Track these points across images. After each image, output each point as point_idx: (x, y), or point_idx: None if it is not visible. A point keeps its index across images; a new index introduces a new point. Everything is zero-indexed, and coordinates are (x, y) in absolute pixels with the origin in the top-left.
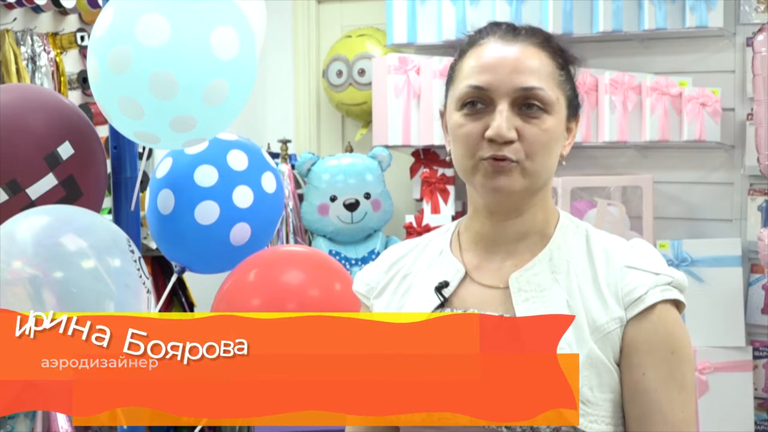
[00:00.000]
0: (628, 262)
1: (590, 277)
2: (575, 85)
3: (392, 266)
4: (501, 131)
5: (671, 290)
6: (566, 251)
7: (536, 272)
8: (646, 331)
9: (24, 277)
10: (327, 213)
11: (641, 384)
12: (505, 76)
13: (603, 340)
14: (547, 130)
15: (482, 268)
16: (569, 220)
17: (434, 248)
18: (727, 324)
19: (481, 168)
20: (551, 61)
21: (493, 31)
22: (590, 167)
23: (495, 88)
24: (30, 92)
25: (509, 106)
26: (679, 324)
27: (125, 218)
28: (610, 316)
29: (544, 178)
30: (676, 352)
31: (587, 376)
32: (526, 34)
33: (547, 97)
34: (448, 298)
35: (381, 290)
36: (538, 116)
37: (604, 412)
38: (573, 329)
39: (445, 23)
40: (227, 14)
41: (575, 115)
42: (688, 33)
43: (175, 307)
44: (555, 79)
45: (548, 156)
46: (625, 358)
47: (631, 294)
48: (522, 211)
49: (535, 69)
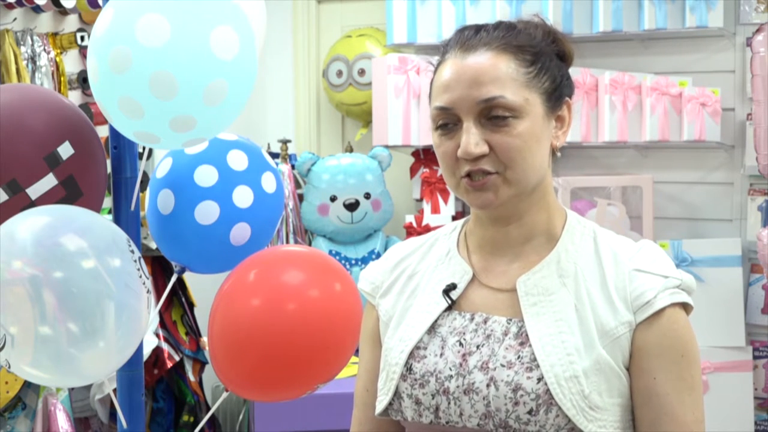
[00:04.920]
0: (636, 265)
1: (598, 280)
2: (558, 72)
3: (397, 265)
4: (468, 149)
5: (680, 293)
6: (574, 254)
7: (544, 275)
8: (656, 335)
9: (24, 277)
10: (327, 213)
11: (653, 388)
12: (465, 91)
13: (612, 345)
14: (519, 135)
15: (489, 270)
16: (577, 220)
17: (441, 248)
18: (727, 324)
19: (462, 186)
20: (515, 61)
21: (456, 40)
22: (590, 167)
23: (458, 105)
24: (30, 92)
25: (474, 120)
26: (687, 327)
27: (125, 218)
28: (619, 320)
29: (533, 180)
30: (685, 355)
31: (596, 382)
32: (488, 36)
33: (512, 102)
34: (456, 300)
35: (387, 289)
36: (506, 124)
37: (613, 417)
38: (581, 334)
39: (445, 23)
40: (227, 14)
41: (561, 104)
42: (688, 33)
43: (175, 307)
44: (520, 80)
45: (528, 159)
46: (635, 363)
47: (641, 298)
48: (521, 214)
49: (495, 77)
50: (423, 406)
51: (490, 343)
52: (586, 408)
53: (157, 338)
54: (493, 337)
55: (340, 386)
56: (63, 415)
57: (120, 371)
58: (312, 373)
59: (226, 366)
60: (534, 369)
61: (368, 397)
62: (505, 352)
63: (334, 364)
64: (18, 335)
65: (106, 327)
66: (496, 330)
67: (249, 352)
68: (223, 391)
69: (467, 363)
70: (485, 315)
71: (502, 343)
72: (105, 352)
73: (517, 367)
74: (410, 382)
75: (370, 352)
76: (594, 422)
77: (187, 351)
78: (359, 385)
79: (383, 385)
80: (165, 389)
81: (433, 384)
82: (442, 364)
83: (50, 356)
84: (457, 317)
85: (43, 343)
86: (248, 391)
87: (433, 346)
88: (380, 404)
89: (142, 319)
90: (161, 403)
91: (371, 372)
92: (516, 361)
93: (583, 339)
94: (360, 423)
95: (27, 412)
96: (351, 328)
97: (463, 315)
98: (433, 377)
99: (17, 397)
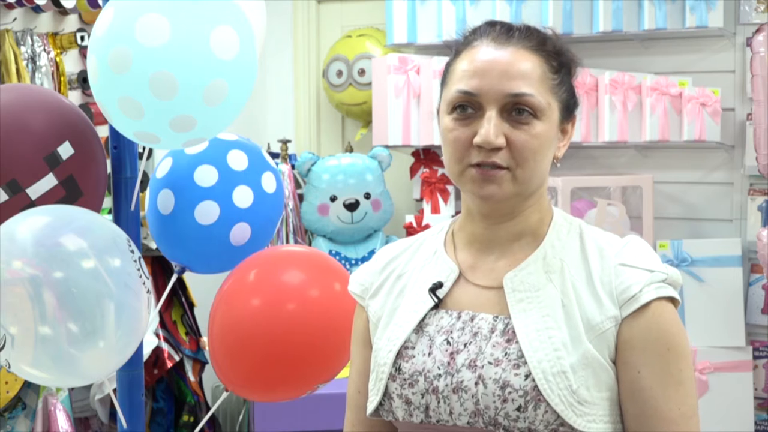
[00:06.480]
0: (622, 260)
1: (584, 275)
2: (572, 86)
3: (386, 266)
4: (488, 138)
5: (666, 287)
6: (560, 250)
7: (530, 272)
8: (641, 329)
9: (24, 277)
10: (327, 213)
11: (637, 382)
12: (495, 81)
13: (598, 339)
14: (537, 136)
15: (476, 268)
16: (563, 218)
17: (428, 248)
18: (727, 324)
19: (468, 174)
20: (544, 64)
21: (487, 32)
22: (590, 167)
23: (484, 93)
24: (30, 92)
25: (498, 112)
26: (674, 320)
27: (125, 218)
28: (605, 314)
29: (536, 184)
30: (671, 349)
31: (584, 377)
32: (520, 36)
33: (538, 102)
34: (443, 299)
35: (376, 290)
36: (527, 122)
37: (602, 411)
38: (568, 329)
39: (445, 23)
40: (227, 14)
41: (570, 117)
42: (688, 33)
43: (175, 307)
44: (547, 83)
45: (539, 162)
46: (620, 357)
47: (626, 292)
48: (515, 214)
49: (526, 74)
50: (413, 405)
51: (477, 340)
52: (575, 403)
53: (157, 338)
54: (480, 334)
55: (340, 386)
56: (63, 415)
57: (120, 371)
58: (312, 373)
59: (226, 366)
60: (521, 365)
61: (360, 399)
62: (492, 349)
63: (334, 364)
64: (18, 335)
65: (106, 327)
66: (482, 327)
67: (249, 352)
68: (223, 391)
69: (455, 361)
70: (472, 313)
71: (489, 341)
72: (105, 352)
73: (504, 364)
74: (399, 382)
75: (361, 353)
76: (583, 417)
77: (187, 351)
78: (351, 387)
79: (373, 386)
80: (165, 389)
81: (422, 383)
82: (430, 363)
83: (50, 356)
84: (444, 316)
85: (43, 343)
86: (248, 391)
87: (421, 346)
88: (371, 405)
89: (142, 319)
90: (161, 403)
91: (363, 374)
92: (503, 358)
93: (570, 334)
94: (353, 424)
95: (27, 412)
96: (351, 328)
97: (450, 313)
98: (421, 377)
99: (17, 397)
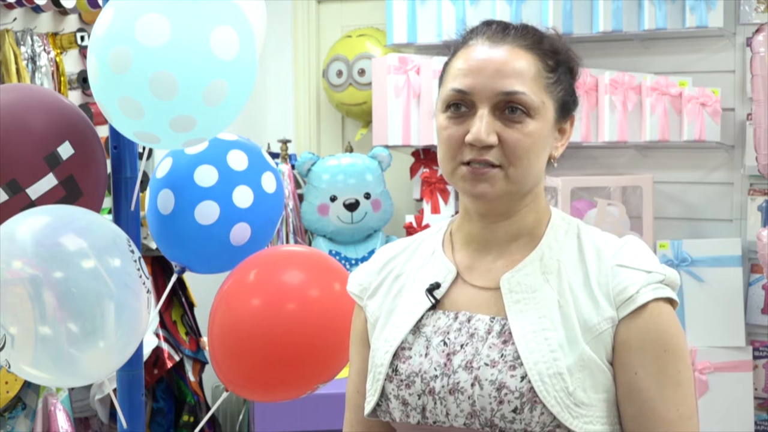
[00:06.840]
0: (619, 261)
1: (581, 276)
2: (571, 85)
3: (385, 266)
4: (479, 136)
5: (663, 288)
6: (557, 251)
7: (527, 273)
8: (638, 330)
9: (24, 277)
10: (327, 213)
11: (634, 384)
12: (488, 79)
13: (595, 341)
14: (529, 135)
15: (474, 268)
16: (561, 218)
17: (426, 248)
18: (727, 324)
19: (460, 172)
20: (539, 63)
21: (483, 31)
22: (590, 167)
23: (477, 92)
24: (30, 92)
25: (490, 110)
26: (672, 321)
27: (125, 218)
28: (602, 316)
29: (530, 183)
30: (669, 350)
31: (581, 378)
32: (515, 34)
33: (531, 101)
34: (440, 299)
35: (374, 290)
36: (520, 120)
37: (599, 413)
38: (565, 330)
39: (445, 23)
40: (227, 14)
41: (568, 117)
42: (688, 33)
43: (175, 307)
44: (541, 82)
45: (532, 161)
46: (617, 358)
47: (623, 293)
48: (511, 214)
49: (520, 72)
50: (410, 406)
51: (473, 342)
52: (571, 405)
53: (157, 338)
54: (476, 335)
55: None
56: (63, 415)
57: (120, 371)
58: (312, 373)
59: (226, 366)
60: (517, 367)
61: (359, 399)
62: (489, 350)
63: (334, 364)
64: (18, 335)
65: (106, 327)
66: (479, 329)
67: (249, 352)
68: (223, 391)
69: (452, 363)
70: (469, 314)
71: (485, 342)
72: (105, 352)
73: (500, 366)
74: (396, 383)
75: (360, 354)
76: (579, 418)
77: (187, 351)
78: (350, 387)
79: (370, 386)
80: (165, 389)
81: (418, 384)
82: (427, 364)
83: (50, 356)
84: (441, 316)
85: (43, 343)
86: (248, 391)
87: (418, 346)
88: (368, 405)
89: (142, 319)
90: (161, 403)
91: (361, 374)
92: (499, 359)
93: (567, 335)
94: (351, 425)
95: (27, 412)
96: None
97: (446, 314)
98: (418, 377)
99: (17, 397)
